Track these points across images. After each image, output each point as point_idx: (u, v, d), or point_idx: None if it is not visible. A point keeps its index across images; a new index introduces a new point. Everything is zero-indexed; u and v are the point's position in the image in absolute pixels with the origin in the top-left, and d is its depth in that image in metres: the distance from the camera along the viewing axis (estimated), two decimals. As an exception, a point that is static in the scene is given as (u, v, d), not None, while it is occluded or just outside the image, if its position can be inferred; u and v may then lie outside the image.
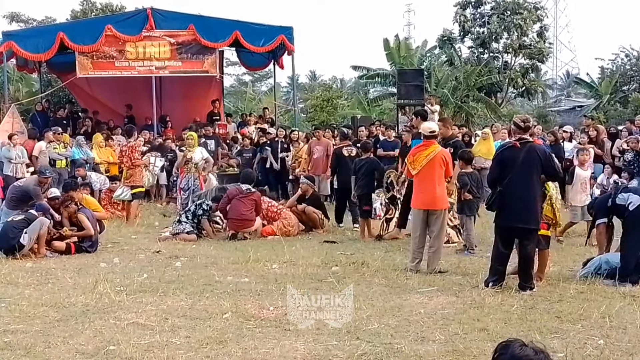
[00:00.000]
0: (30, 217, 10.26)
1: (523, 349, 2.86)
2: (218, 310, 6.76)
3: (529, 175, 7.51)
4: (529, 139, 7.72)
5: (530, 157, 7.49)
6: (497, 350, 2.94)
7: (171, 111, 22.61)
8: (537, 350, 2.86)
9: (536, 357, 2.85)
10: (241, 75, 48.41)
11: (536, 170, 7.52)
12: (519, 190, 7.49)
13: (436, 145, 9.14)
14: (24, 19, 36.13)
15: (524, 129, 7.74)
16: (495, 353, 2.94)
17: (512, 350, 2.87)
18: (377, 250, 10.48)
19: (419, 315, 6.56)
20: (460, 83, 32.18)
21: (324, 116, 29.69)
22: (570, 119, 34.44)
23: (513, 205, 7.51)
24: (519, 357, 2.85)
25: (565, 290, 7.52)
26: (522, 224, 7.54)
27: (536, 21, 34.05)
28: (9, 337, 5.98)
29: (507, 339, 2.98)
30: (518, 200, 7.50)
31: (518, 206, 7.50)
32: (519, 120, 7.89)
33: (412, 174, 9.27)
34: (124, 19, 20.94)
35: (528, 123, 7.84)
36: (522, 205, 7.49)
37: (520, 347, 2.86)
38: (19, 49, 19.46)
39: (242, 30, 20.18)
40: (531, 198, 7.53)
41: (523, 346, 2.87)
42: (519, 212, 7.50)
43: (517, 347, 2.87)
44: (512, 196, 7.51)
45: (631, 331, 6.01)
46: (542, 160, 7.53)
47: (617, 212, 8.28)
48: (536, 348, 2.87)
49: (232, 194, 12.31)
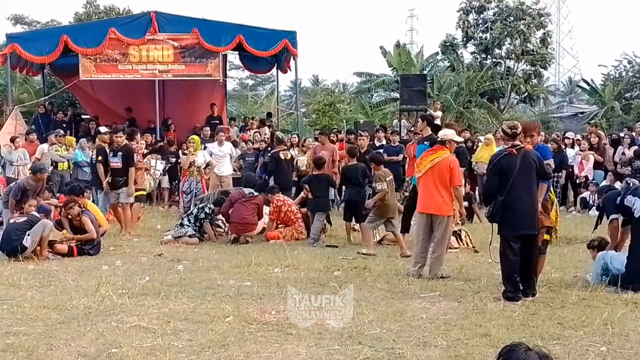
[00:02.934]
0: (32, 219, 10.27)
1: (527, 354, 2.83)
2: (220, 314, 6.76)
3: (528, 181, 7.48)
4: (521, 145, 7.63)
5: (526, 163, 7.45)
6: (502, 354, 2.92)
7: (173, 115, 22.63)
8: (541, 355, 2.84)
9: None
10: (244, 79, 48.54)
11: (533, 175, 7.52)
12: (522, 197, 7.44)
13: (444, 152, 9.02)
14: (27, 22, 36.23)
15: (511, 135, 7.64)
16: (500, 357, 2.93)
17: (516, 355, 2.85)
18: (379, 255, 10.47)
19: (421, 321, 6.55)
20: (462, 89, 32.18)
21: (326, 120, 29.67)
22: (572, 125, 34.47)
23: (519, 212, 7.44)
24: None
25: (568, 296, 7.50)
26: (531, 230, 7.51)
27: (539, 27, 34.04)
28: (11, 339, 5.98)
29: (511, 343, 2.96)
30: (523, 207, 7.45)
31: (524, 213, 7.46)
32: (507, 126, 7.78)
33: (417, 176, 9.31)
34: (128, 22, 21.02)
35: (515, 130, 7.67)
36: (527, 211, 7.47)
37: (524, 351, 2.84)
38: (23, 52, 19.54)
39: (245, 35, 20.23)
40: (534, 204, 7.53)
41: (527, 350, 2.85)
42: (527, 219, 7.46)
43: (521, 351, 2.85)
44: (517, 204, 7.44)
45: (633, 338, 6.00)
46: (537, 163, 7.53)
47: (624, 213, 8.26)
48: (540, 353, 2.86)
49: (235, 197, 12.33)
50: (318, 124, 30.02)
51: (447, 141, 9.14)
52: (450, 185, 8.95)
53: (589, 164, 16.88)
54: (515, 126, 7.75)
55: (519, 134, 7.67)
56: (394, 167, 17.09)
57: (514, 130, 7.65)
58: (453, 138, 9.28)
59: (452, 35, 35.53)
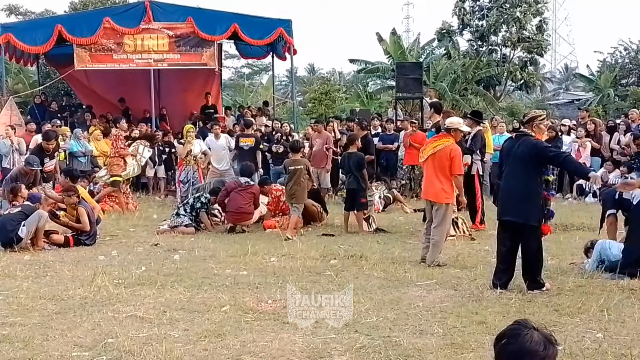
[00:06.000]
0: (27, 209, 10.24)
1: (532, 341, 2.76)
2: (216, 303, 6.76)
3: (520, 168, 7.26)
4: (525, 132, 7.47)
5: (521, 151, 7.26)
6: (506, 335, 2.85)
7: (169, 104, 22.59)
8: (546, 344, 2.77)
9: (544, 353, 2.75)
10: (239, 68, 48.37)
11: (528, 164, 7.21)
12: (510, 184, 7.36)
13: (448, 140, 8.99)
14: (22, 12, 35.98)
15: (520, 122, 7.71)
16: (503, 338, 2.85)
17: (521, 341, 2.77)
18: (375, 243, 10.48)
19: (417, 309, 6.56)
20: (458, 76, 32.14)
21: (322, 109, 29.65)
22: (568, 112, 34.40)
23: (504, 198, 7.44)
24: (527, 350, 2.76)
25: (564, 283, 7.51)
26: (511, 217, 7.28)
27: (535, 14, 34.00)
28: (7, 329, 5.98)
29: (517, 324, 2.87)
30: (509, 193, 7.33)
31: (510, 200, 7.33)
32: (525, 114, 7.90)
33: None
34: (123, 11, 20.91)
35: (524, 117, 7.71)
36: (511, 198, 7.30)
37: (529, 338, 2.77)
38: (17, 42, 19.44)
39: (240, 23, 20.12)
40: (520, 191, 7.24)
41: (532, 335, 2.78)
42: (511, 206, 7.28)
43: (526, 338, 2.77)
44: (505, 189, 7.44)
45: (629, 324, 6.02)
46: (532, 152, 7.19)
47: (624, 206, 8.27)
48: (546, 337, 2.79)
49: (231, 186, 12.31)
50: (314, 112, 29.99)
51: (452, 129, 9.14)
52: (450, 173, 8.92)
53: (586, 152, 16.87)
54: (526, 113, 7.83)
55: (526, 122, 7.57)
56: (390, 155, 17.15)
57: (522, 118, 7.69)
58: (459, 127, 9.28)
59: (448, 23, 35.48)
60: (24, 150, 16.01)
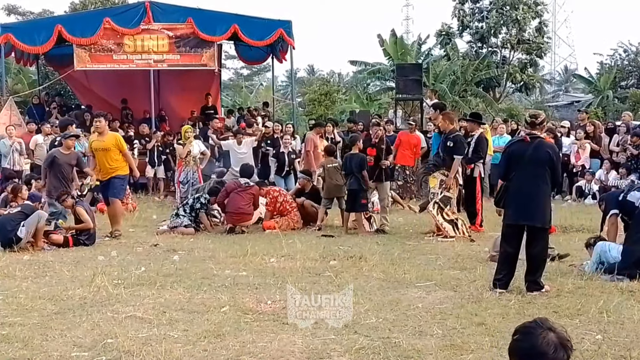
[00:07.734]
0: (27, 209, 10.24)
1: (544, 342, 2.72)
2: (216, 304, 6.76)
3: (536, 172, 7.20)
4: (539, 135, 7.39)
5: (538, 154, 7.19)
6: (519, 331, 2.84)
7: (168, 105, 22.58)
8: (557, 347, 2.73)
9: (552, 356, 2.72)
10: (239, 69, 48.39)
11: (544, 168, 7.20)
12: (525, 187, 7.24)
13: None
14: (21, 12, 35.99)
15: (530, 124, 7.54)
16: (517, 334, 2.84)
17: (532, 340, 2.75)
18: (375, 244, 10.47)
19: (416, 310, 6.55)
20: (458, 78, 32.14)
21: (322, 110, 29.64)
22: (568, 114, 34.43)
23: (518, 201, 7.28)
24: (537, 351, 2.73)
25: (563, 285, 7.50)
26: (528, 221, 7.25)
27: (535, 16, 34.02)
28: (6, 329, 5.97)
29: (534, 322, 2.84)
30: (524, 196, 7.24)
31: (523, 203, 7.24)
32: (528, 115, 7.73)
33: None
34: (123, 11, 20.87)
35: (535, 119, 7.48)
36: (527, 201, 7.23)
37: (542, 338, 2.73)
38: (17, 42, 19.39)
39: (240, 24, 20.10)
40: (538, 195, 7.23)
41: (546, 336, 2.74)
42: (525, 209, 7.23)
43: (539, 338, 2.74)
44: (518, 192, 7.28)
45: (629, 326, 6.01)
46: (551, 158, 7.22)
47: (626, 209, 8.24)
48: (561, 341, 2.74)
49: (231, 187, 12.31)
50: (314, 113, 29.99)
51: None
52: None
53: (586, 153, 16.89)
54: (536, 115, 7.57)
55: (538, 124, 7.44)
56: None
57: (533, 120, 7.47)
58: None
59: (447, 25, 35.48)
60: (24, 150, 16.01)
